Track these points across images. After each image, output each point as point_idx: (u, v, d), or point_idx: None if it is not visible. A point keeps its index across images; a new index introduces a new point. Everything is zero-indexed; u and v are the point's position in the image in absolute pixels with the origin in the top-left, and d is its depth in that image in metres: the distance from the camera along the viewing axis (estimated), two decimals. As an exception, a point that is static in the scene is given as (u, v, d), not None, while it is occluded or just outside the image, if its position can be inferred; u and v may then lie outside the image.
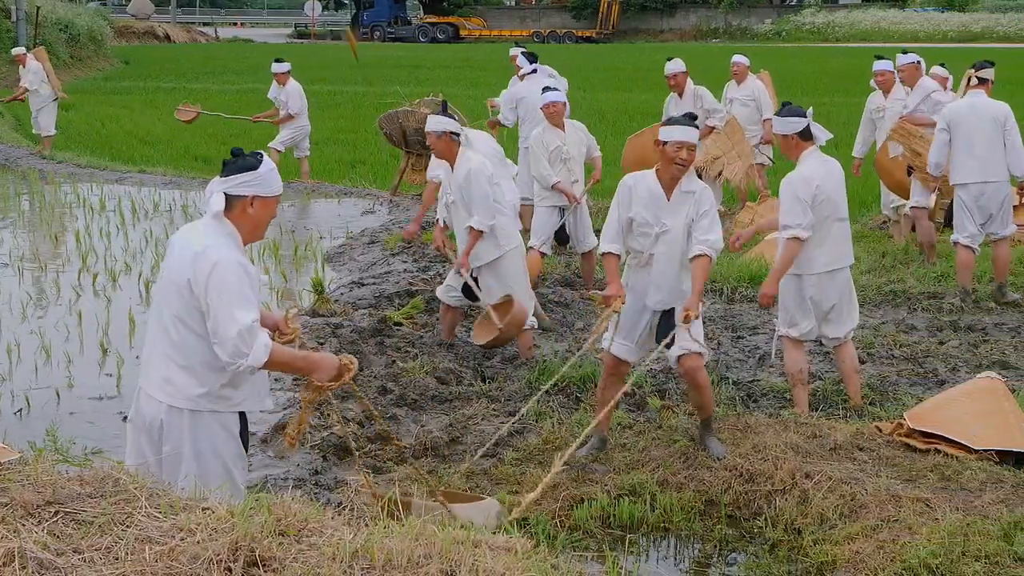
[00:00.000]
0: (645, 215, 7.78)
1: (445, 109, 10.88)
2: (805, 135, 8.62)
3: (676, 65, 15.29)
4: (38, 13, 39.60)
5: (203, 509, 4.58)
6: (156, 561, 4.18)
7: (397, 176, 18.34)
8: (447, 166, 10.19)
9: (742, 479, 7.59)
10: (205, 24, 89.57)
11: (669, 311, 7.93)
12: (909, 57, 13.86)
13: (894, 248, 14.21)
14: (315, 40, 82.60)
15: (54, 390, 9.42)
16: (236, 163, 5.49)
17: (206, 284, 5.30)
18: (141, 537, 4.33)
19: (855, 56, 50.57)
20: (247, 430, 5.76)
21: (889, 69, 14.23)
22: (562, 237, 12.39)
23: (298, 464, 7.84)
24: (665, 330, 7.94)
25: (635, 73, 44.42)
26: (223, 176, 5.49)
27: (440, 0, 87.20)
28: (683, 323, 7.61)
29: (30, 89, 23.01)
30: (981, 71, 12.20)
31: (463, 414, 8.87)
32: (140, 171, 21.61)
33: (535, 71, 14.78)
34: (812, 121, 8.64)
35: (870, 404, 9.08)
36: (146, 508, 4.55)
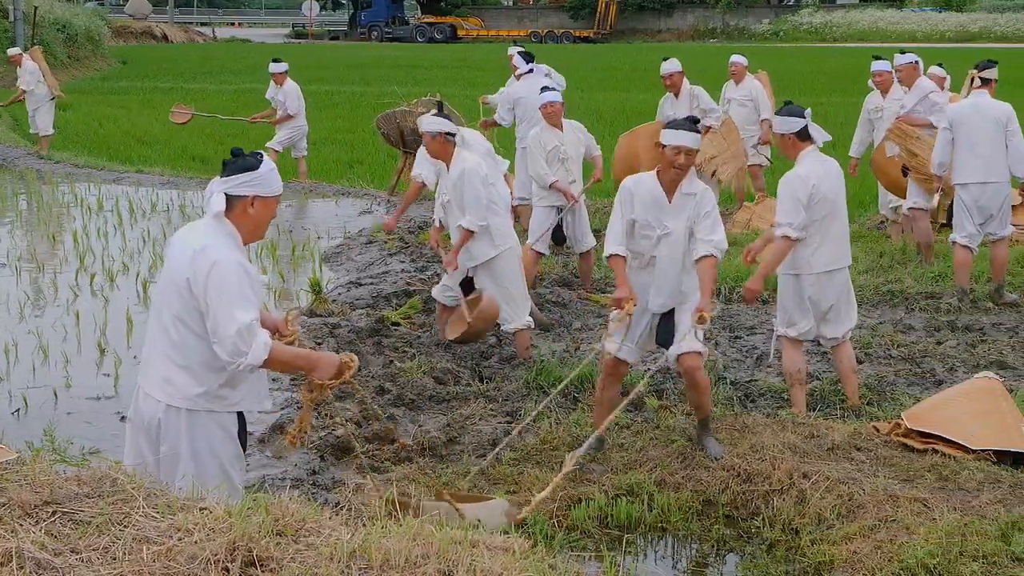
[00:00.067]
0: (647, 217, 7.77)
1: (441, 109, 10.89)
2: (803, 135, 8.61)
3: (672, 65, 15.28)
4: (35, 13, 39.58)
5: (201, 509, 4.57)
6: (154, 561, 4.17)
7: (395, 176, 18.34)
8: (440, 166, 10.21)
9: (740, 479, 7.59)
10: (203, 24, 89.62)
11: (669, 312, 7.93)
12: (907, 57, 13.86)
13: (892, 248, 14.20)
14: (313, 40, 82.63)
15: (52, 390, 9.42)
16: (236, 163, 5.49)
17: (205, 283, 5.30)
18: (139, 537, 4.33)
19: (852, 56, 50.61)
20: (245, 430, 5.76)
21: (887, 69, 14.23)
22: (559, 237, 12.39)
23: (296, 464, 7.84)
24: (665, 331, 7.94)
25: (632, 73, 44.43)
26: (223, 176, 5.48)
27: (438, 0, 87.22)
28: (697, 324, 7.59)
29: (27, 90, 23.00)
30: (984, 71, 12.19)
31: (461, 414, 8.86)
32: (138, 171, 21.60)
33: (531, 71, 14.77)
34: (811, 122, 8.64)
35: (868, 404, 9.08)
36: (144, 508, 4.54)
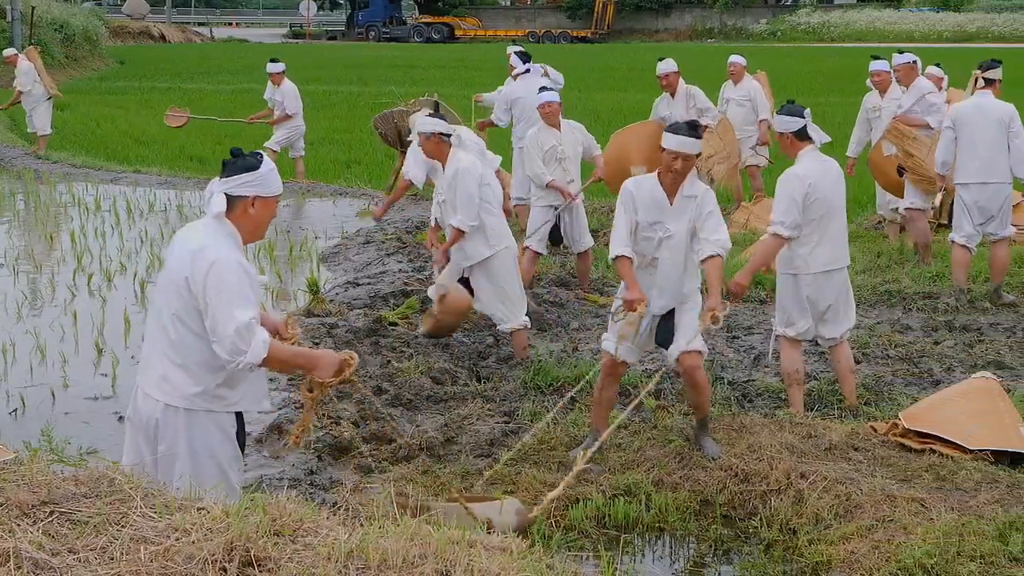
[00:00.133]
0: (648, 219, 7.76)
1: (437, 109, 10.90)
2: (801, 135, 8.62)
3: (668, 65, 15.29)
4: (33, 13, 39.58)
5: (198, 509, 4.57)
6: (151, 561, 4.17)
7: (392, 176, 18.32)
8: (434, 165, 10.22)
9: (737, 479, 7.59)
10: (200, 24, 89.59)
11: (668, 312, 7.93)
12: (905, 57, 13.86)
13: (889, 248, 14.21)
14: (310, 40, 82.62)
15: (49, 390, 9.42)
16: (236, 163, 5.48)
17: (204, 283, 5.30)
18: (136, 537, 4.33)
19: (850, 56, 50.62)
20: (244, 431, 5.75)
21: (885, 69, 14.23)
22: (556, 237, 12.37)
23: (293, 464, 7.84)
24: (665, 331, 7.93)
25: (630, 73, 44.42)
26: (224, 177, 5.48)
27: (435, 0, 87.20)
28: (711, 323, 7.59)
29: (23, 91, 22.98)
30: (988, 71, 12.17)
31: (458, 414, 8.86)
32: (135, 171, 21.59)
33: (528, 71, 14.76)
34: (811, 123, 8.65)
35: (865, 404, 9.09)
36: (141, 508, 4.54)
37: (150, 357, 5.59)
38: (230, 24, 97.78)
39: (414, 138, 11.22)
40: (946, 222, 13.86)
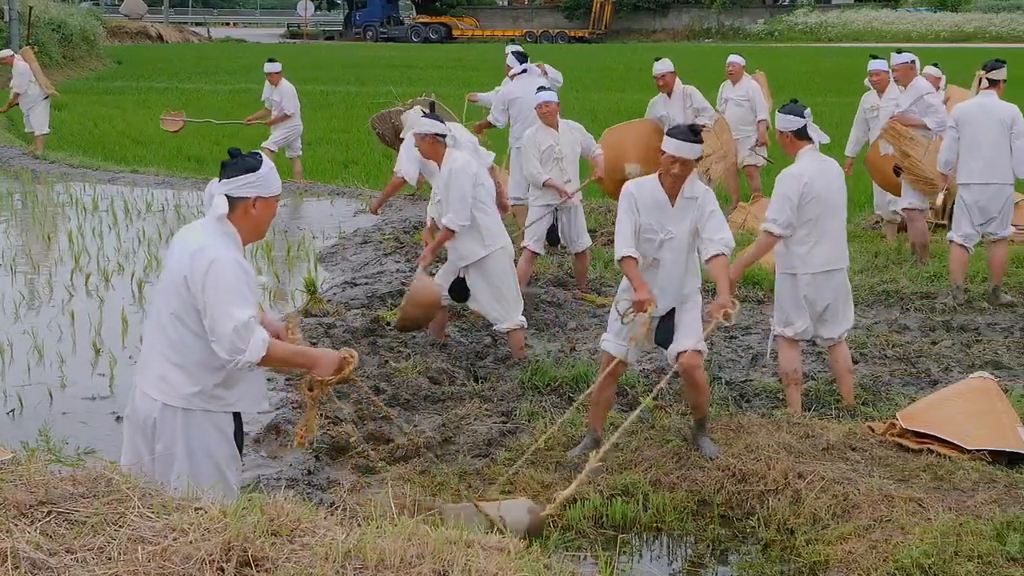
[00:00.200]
0: (649, 221, 7.76)
1: (433, 109, 10.91)
2: (801, 134, 8.64)
3: (664, 65, 15.29)
4: (31, 13, 39.56)
5: (196, 509, 4.57)
6: (149, 561, 4.17)
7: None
8: (428, 164, 10.22)
9: (735, 479, 7.59)
10: (198, 24, 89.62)
11: (668, 312, 7.93)
12: (903, 57, 13.84)
13: (887, 248, 14.21)
14: (308, 40, 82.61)
15: (47, 390, 9.41)
16: (236, 164, 5.47)
17: (203, 282, 5.30)
18: (134, 537, 4.33)
19: (848, 56, 50.64)
20: (242, 431, 5.75)
21: (884, 69, 14.21)
22: (553, 238, 12.36)
23: (291, 464, 7.83)
24: (664, 331, 7.93)
25: (627, 73, 44.42)
26: (225, 178, 5.47)
27: (433, 0, 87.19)
28: (723, 319, 7.58)
29: (19, 92, 22.97)
30: (992, 72, 12.14)
31: (456, 414, 8.86)
32: (133, 171, 21.57)
33: (525, 71, 14.76)
34: (811, 123, 8.66)
35: (863, 404, 9.09)
36: (139, 508, 4.54)
37: (149, 357, 5.59)
38: (227, 24, 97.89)
39: (407, 135, 11.24)
40: (946, 222, 13.86)
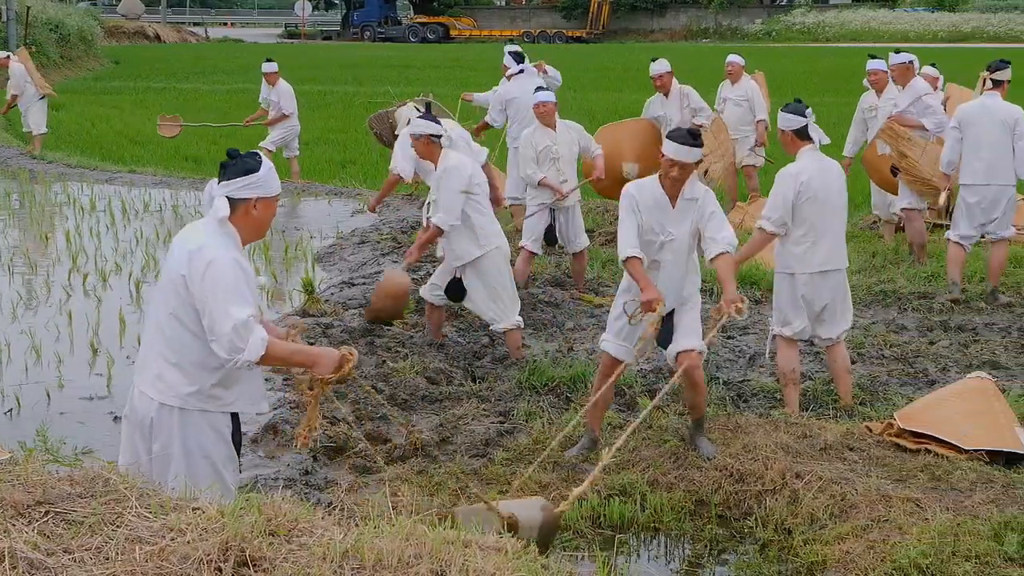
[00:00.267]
0: (650, 223, 7.77)
1: (428, 110, 10.91)
2: (801, 134, 8.67)
3: (661, 66, 15.31)
4: (28, 13, 39.53)
5: (193, 509, 4.57)
6: (146, 561, 4.17)
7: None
8: (428, 165, 10.23)
9: (732, 479, 7.59)
10: (195, 24, 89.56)
11: (668, 315, 7.92)
12: (901, 57, 13.83)
13: (884, 248, 14.21)
14: (305, 40, 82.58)
15: (44, 390, 9.41)
16: (236, 166, 5.46)
17: (202, 281, 5.30)
18: (131, 537, 4.32)
19: (845, 56, 50.63)
20: (239, 432, 5.74)
21: (882, 69, 14.20)
22: (551, 238, 12.35)
23: (288, 464, 7.83)
24: (664, 333, 7.92)
25: (625, 73, 44.41)
26: (225, 180, 5.46)
27: (430, 0, 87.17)
28: (736, 314, 7.57)
29: (16, 94, 22.98)
30: (996, 72, 12.11)
31: (453, 414, 8.86)
32: (130, 171, 21.56)
33: (522, 71, 14.76)
34: (812, 123, 8.67)
35: (860, 404, 9.09)
36: (136, 508, 4.54)
37: (147, 356, 5.59)
38: (225, 24, 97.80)
39: (400, 131, 11.22)
40: (947, 222, 13.85)
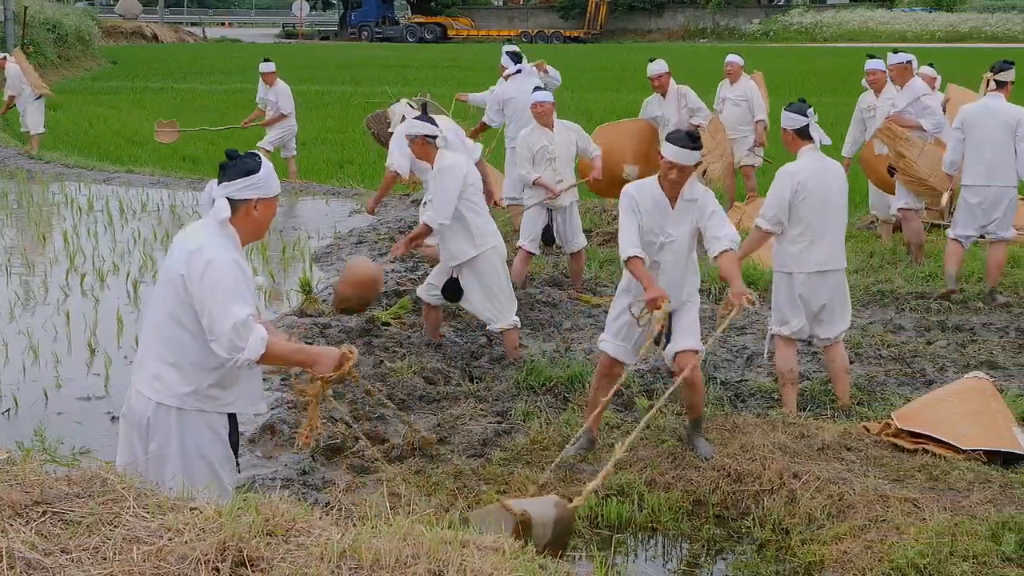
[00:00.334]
0: (650, 224, 7.77)
1: (425, 110, 10.91)
2: (802, 133, 8.68)
3: (659, 66, 15.32)
4: (26, 13, 39.49)
5: (191, 509, 4.56)
6: (144, 561, 4.16)
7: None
8: (424, 166, 10.23)
9: (730, 479, 7.60)
10: (193, 24, 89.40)
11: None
12: (899, 57, 13.82)
13: (882, 248, 14.21)
14: (303, 40, 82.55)
15: (42, 390, 9.41)
16: (236, 167, 5.46)
17: (200, 281, 5.30)
18: (129, 537, 4.32)
19: (843, 56, 50.62)
20: (236, 433, 5.74)
21: (881, 68, 14.20)
22: (549, 238, 12.36)
23: (286, 464, 7.83)
24: (664, 333, 7.92)
25: (623, 73, 44.39)
26: (225, 181, 5.45)
27: (428, 0, 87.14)
28: (748, 303, 7.56)
29: (14, 95, 22.98)
30: (1000, 74, 12.09)
31: (451, 414, 8.86)
32: (128, 171, 21.56)
33: (520, 71, 14.76)
34: (813, 123, 8.68)
35: (858, 404, 9.09)
36: (134, 508, 4.53)
37: (145, 356, 5.59)
38: (223, 24, 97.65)
39: (395, 127, 11.20)
40: (946, 223, 13.83)
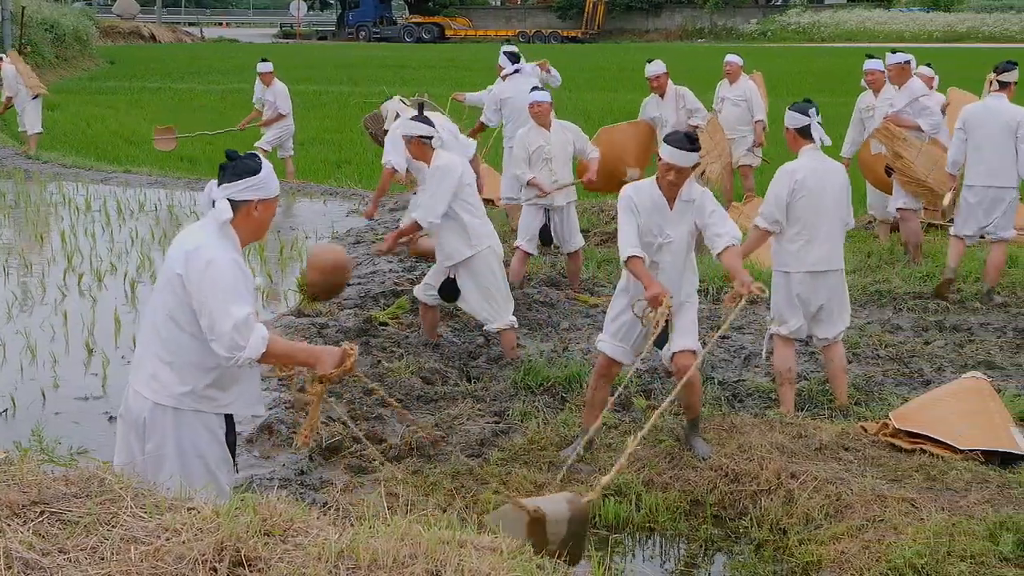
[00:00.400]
0: (649, 224, 7.78)
1: (422, 109, 10.91)
2: (803, 133, 8.70)
3: (658, 67, 15.33)
4: (23, 13, 39.47)
5: (188, 509, 4.57)
6: (141, 561, 4.16)
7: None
8: (421, 166, 10.23)
9: (727, 479, 7.60)
10: (191, 24, 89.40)
11: (666, 314, 7.93)
12: (898, 57, 13.81)
13: (880, 248, 14.22)
14: (300, 40, 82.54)
15: (40, 390, 9.40)
16: (236, 168, 5.45)
17: (200, 281, 5.30)
18: (126, 537, 4.32)
19: (841, 56, 50.65)
20: (233, 433, 5.73)
21: (879, 68, 14.20)
22: (546, 238, 12.36)
23: (283, 464, 7.83)
24: (661, 333, 7.92)
25: (620, 73, 44.40)
26: (225, 182, 5.45)
27: (425, 0, 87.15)
28: (758, 292, 7.55)
29: (11, 96, 22.98)
30: (1003, 74, 12.08)
31: (449, 414, 8.87)
32: (125, 171, 21.54)
33: (517, 71, 14.76)
34: (815, 123, 8.69)
35: (856, 404, 9.10)
36: (131, 508, 4.53)
37: (142, 356, 5.59)
38: (220, 24, 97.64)
39: (389, 124, 11.19)
40: (946, 223, 13.84)
